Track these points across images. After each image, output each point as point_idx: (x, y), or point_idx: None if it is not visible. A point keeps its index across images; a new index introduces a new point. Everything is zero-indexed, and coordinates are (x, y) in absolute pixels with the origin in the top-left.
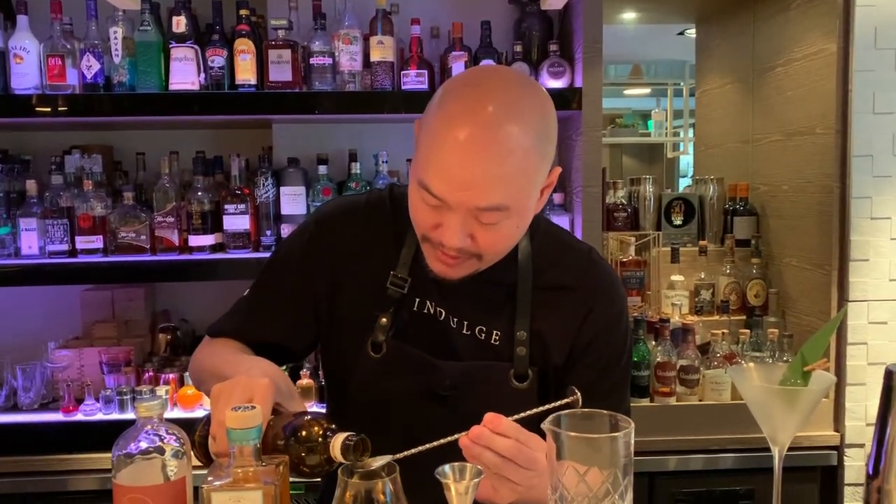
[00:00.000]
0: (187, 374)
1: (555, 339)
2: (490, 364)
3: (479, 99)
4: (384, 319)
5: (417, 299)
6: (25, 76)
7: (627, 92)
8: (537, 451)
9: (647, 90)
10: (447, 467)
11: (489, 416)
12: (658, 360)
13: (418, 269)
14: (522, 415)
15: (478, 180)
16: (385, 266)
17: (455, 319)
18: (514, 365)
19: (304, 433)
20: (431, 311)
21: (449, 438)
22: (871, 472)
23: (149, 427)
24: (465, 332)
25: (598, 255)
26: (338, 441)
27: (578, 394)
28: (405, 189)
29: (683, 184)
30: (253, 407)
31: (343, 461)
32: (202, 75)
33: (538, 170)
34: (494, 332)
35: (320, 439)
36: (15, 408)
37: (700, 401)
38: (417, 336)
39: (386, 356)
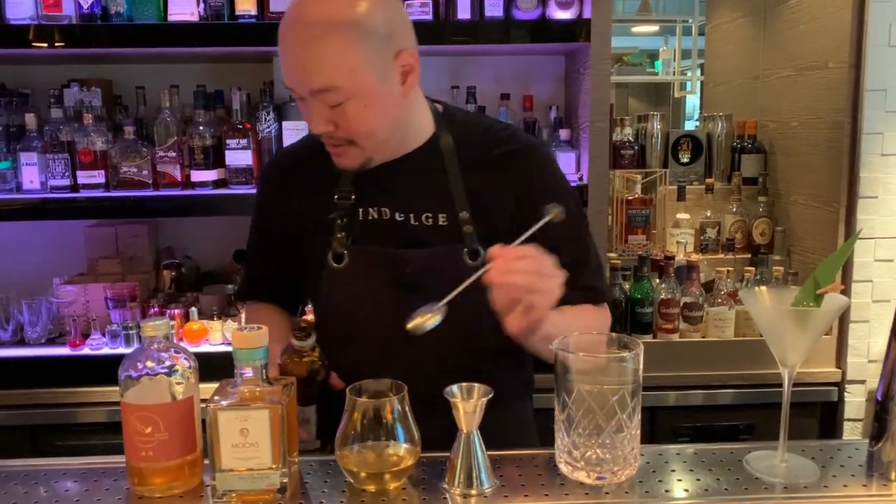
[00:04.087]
0: (192, 309)
1: (495, 212)
2: (445, 247)
3: (296, 4)
4: (340, 232)
5: (361, 209)
6: (20, 5)
7: (635, 30)
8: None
9: (655, 28)
10: (455, 388)
11: (495, 250)
12: (662, 297)
13: (361, 181)
14: (521, 238)
15: (301, 65)
16: (331, 186)
17: (401, 214)
18: (464, 244)
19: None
20: (377, 215)
21: (474, 277)
22: (879, 398)
23: (154, 346)
24: (413, 222)
25: (519, 129)
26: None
27: (559, 207)
28: None
29: (690, 125)
30: (259, 327)
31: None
32: (201, 6)
33: (362, 52)
34: (440, 216)
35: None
36: (22, 342)
37: (703, 338)
38: (372, 239)
39: (348, 263)
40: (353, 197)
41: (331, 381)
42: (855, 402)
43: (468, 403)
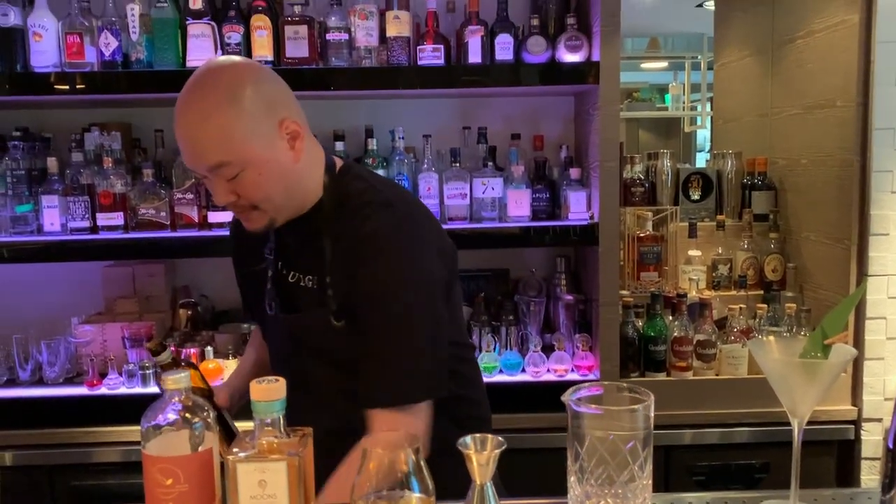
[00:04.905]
0: (208, 348)
1: (343, 279)
2: (312, 311)
3: (184, 89)
4: (269, 284)
5: (278, 264)
6: (44, 54)
7: (644, 65)
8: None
9: (664, 64)
10: (468, 438)
11: None
12: (675, 334)
13: (278, 241)
14: None
15: (193, 146)
16: (261, 245)
17: (293, 274)
18: (329, 307)
19: None
20: (284, 272)
21: None
22: (891, 446)
23: (176, 399)
24: (302, 283)
25: (384, 203)
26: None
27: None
28: None
29: (701, 158)
30: (276, 380)
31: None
32: (219, 52)
33: (243, 126)
34: (316, 278)
35: None
36: (40, 382)
37: (717, 375)
38: (278, 296)
39: (270, 317)
40: (272, 255)
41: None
42: (872, 441)
43: (482, 455)
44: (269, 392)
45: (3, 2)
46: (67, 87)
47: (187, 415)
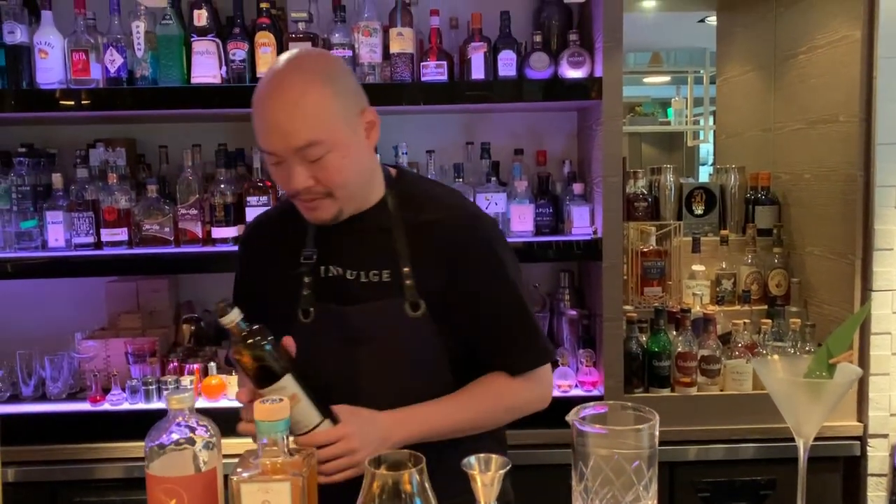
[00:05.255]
0: (211, 364)
1: (430, 269)
2: (387, 301)
3: (274, 70)
4: (307, 290)
5: (322, 266)
6: (50, 71)
7: (647, 80)
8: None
9: (666, 78)
10: (473, 458)
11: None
12: (679, 350)
13: (321, 242)
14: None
15: (284, 125)
16: (297, 247)
17: (351, 273)
18: (405, 297)
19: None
20: (334, 272)
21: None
22: None
23: (180, 419)
24: (362, 280)
25: (461, 196)
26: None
27: None
28: None
29: (704, 172)
30: (280, 399)
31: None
32: (224, 68)
33: (336, 107)
34: (384, 272)
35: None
36: (43, 397)
37: (721, 391)
38: (330, 296)
39: (313, 319)
40: (314, 257)
41: (284, 345)
42: (878, 457)
43: (486, 476)
44: (273, 412)
45: (10, 20)
46: (73, 103)
47: (191, 434)
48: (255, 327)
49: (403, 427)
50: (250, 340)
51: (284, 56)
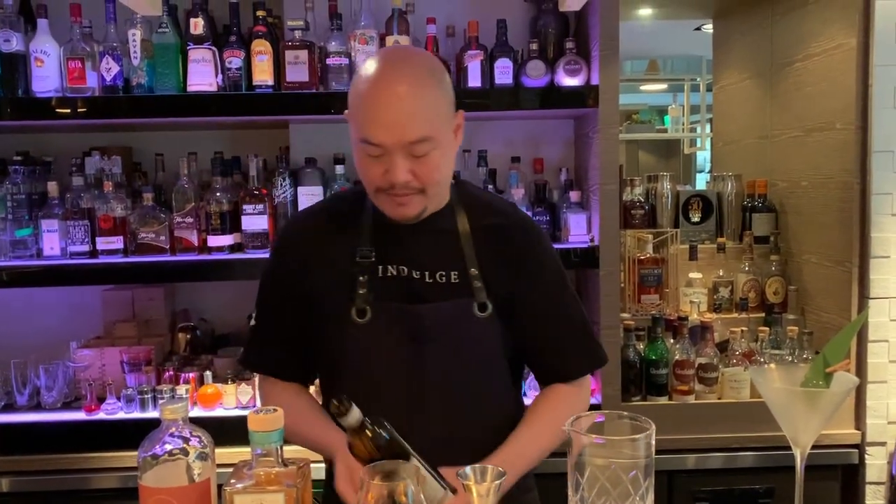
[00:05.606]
0: (207, 372)
1: (496, 274)
2: (456, 301)
3: (386, 62)
4: (362, 289)
5: (381, 266)
6: (46, 79)
7: (644, 87)
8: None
9: (663, 86)
10: (468, 469)
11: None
12: (677, 357)
13: (379, 241)
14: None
15: (402, 118)
16: (350, 246)
17: (417, 272)
18: (474, 298)
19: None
20: (395, 272)
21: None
22: (895, 472)
23: (173, 429)
24: (427, 280)
25: (509, 203)
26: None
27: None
28: (359, 186)
29: (701, 179)
30: (274, 409)
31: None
32: (220, 76)
33: (445, 105)
34: (452, 273)
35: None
36: (38, 407)
37: (719, 399)
38: (391, 295)
39: (371, 318)
40: (373, 256)
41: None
42: (876, 465)
43: (482, 486)
44: (267, 422)
45: (6, 28)
46: (69, 111)
47: (185, 445)
48: (375, 419)
49: (511, 469)
50: (379, 431)
51: (389, 50)
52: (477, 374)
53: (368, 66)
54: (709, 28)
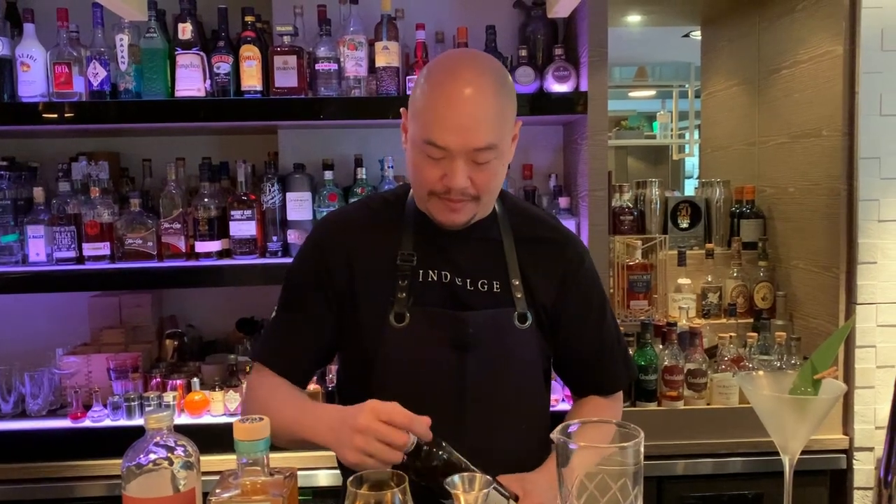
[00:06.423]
0: (195, 379)
1: (541, 286)
2: (498, 310)
3: (457, 65)
4: (402, 293)
5: (422, 271)
6: (32, 84)
7: (632, 94)
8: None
9: (652, 92)
10: (457, 478)
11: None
12: (665, 363)
13: (421, 246)
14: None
15: (471, 124)
16: (391, 249)
17: (459, 279)
18: (515, 309)
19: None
20: (436, 277)
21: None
22: (882, 476)
23: (158, 438)
24: (469, 287)
25: (549, 214)
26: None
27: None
28: (399, 188)
29: (689, 185)
30: (261, 418)
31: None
32: (208, 82)
33: (510, 114)
34: (494, 282)
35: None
36: (23, 414)
37: (708, 405)
38: (431, 300)
39: (410, 322)
40: (414, 260)
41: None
42: (864, 470)
43: (469, 495)
44: (253, 431)
45: None
46: (55, 116)
47: (169, 454)
48: (435, 439)
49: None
50: (439, 453)
51: (461, 53)
52: (516, 382)
53: (440, 66)
54: (697, 35)
